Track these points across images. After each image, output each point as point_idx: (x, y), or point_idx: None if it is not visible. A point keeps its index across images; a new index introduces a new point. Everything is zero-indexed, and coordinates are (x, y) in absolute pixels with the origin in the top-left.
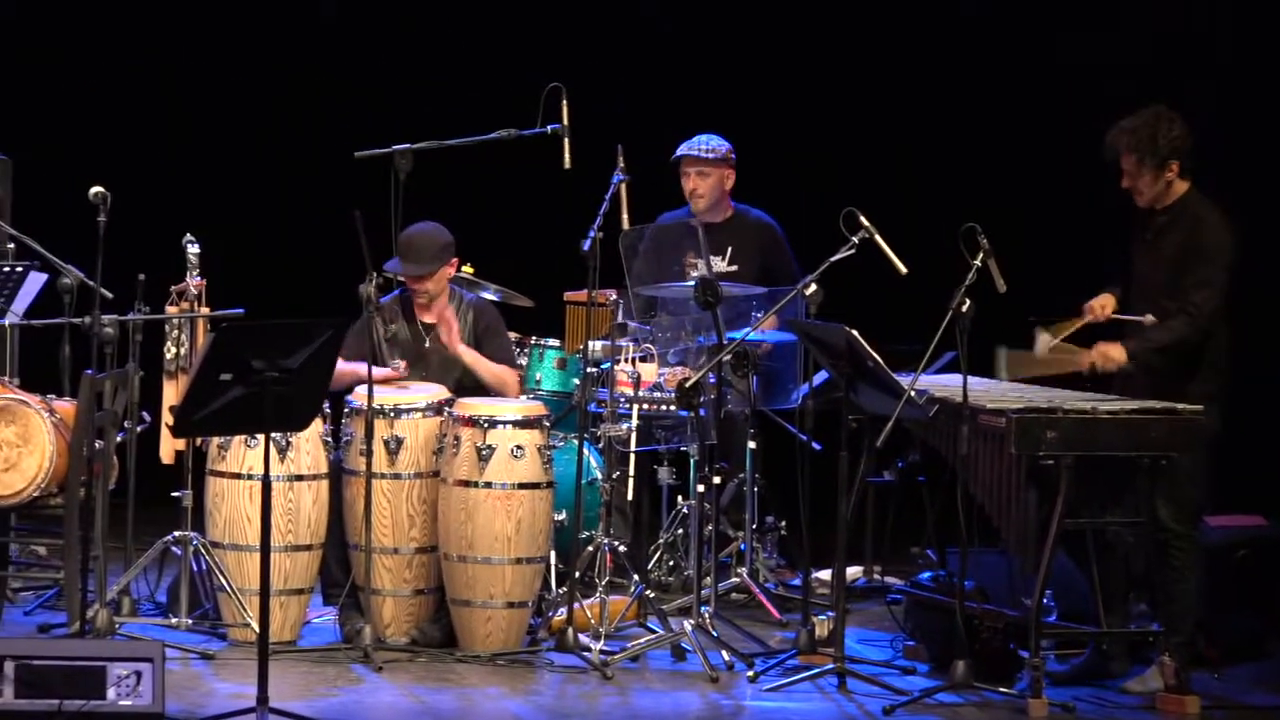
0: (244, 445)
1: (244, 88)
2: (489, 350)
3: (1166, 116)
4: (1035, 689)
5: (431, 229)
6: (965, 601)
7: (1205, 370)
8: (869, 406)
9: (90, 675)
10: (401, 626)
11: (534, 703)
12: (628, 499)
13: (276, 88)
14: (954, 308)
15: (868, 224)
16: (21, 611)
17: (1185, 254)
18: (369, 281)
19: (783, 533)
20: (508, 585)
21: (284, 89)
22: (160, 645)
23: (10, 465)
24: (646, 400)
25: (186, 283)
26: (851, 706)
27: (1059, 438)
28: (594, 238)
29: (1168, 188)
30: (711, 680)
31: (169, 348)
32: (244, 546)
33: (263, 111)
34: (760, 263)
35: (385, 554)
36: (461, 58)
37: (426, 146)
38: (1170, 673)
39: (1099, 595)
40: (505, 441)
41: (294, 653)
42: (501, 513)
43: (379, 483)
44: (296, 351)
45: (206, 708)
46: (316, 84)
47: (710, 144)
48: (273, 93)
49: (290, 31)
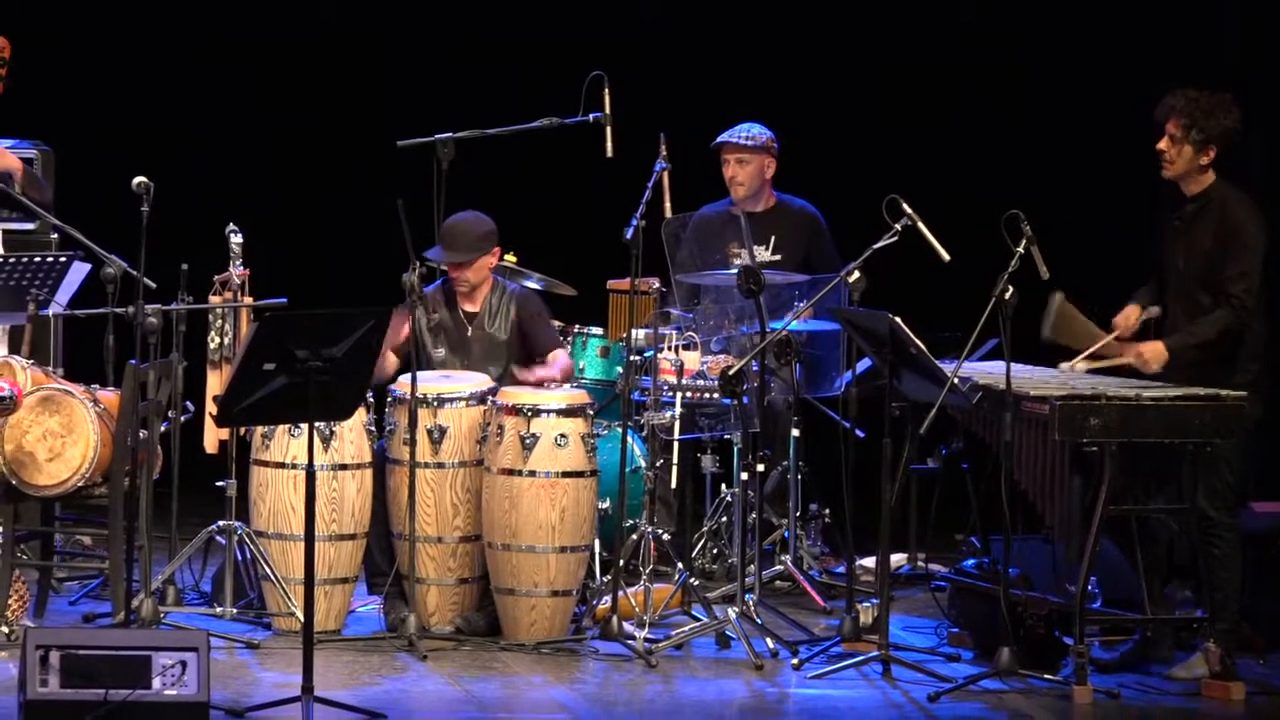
0: (288, 434)
1: (287, 77)
2: (536, 337)
3: (1229, 104)
4: (1080, 676)
5: (472, 218)
6: (1009, 588)
7: (1245, 358)
8: (912, 394)
9: (135, 665)
10: (446, 615)
11: (578, 691)
12: (671, 487)
13: (319, 77)
14: (997, 295)
15: (910, 211)
16: (67, 601)
17: (1221, 244)
18: (412, 270)
19: (826, 520)
20: (552, 574)
21: (327, 78)
22: (205, 635)
23: (54, 455)
24: (690, 388)
25: (230, 272)
26: (896, 694)
27: (1102, 424)
28: (637, 226)
29: (1199, 172)
30: (756, 668)
31: (213, 337)
32: (288, 536)
33: (306, 101)
34: (803, 251)
35: (429, 543)
36: (504, 46)
37: (468, 136)
38: (1215, 659)
39: (1143, 582)
40: (549, 430)
41: (338, 642)
42: (545, 501)
43: (423, 472)
44: (340, 341)
45: (251, 697)
46: (359, 73)
47: (751, 131)
48: (316, 82)
49: (333, 21)
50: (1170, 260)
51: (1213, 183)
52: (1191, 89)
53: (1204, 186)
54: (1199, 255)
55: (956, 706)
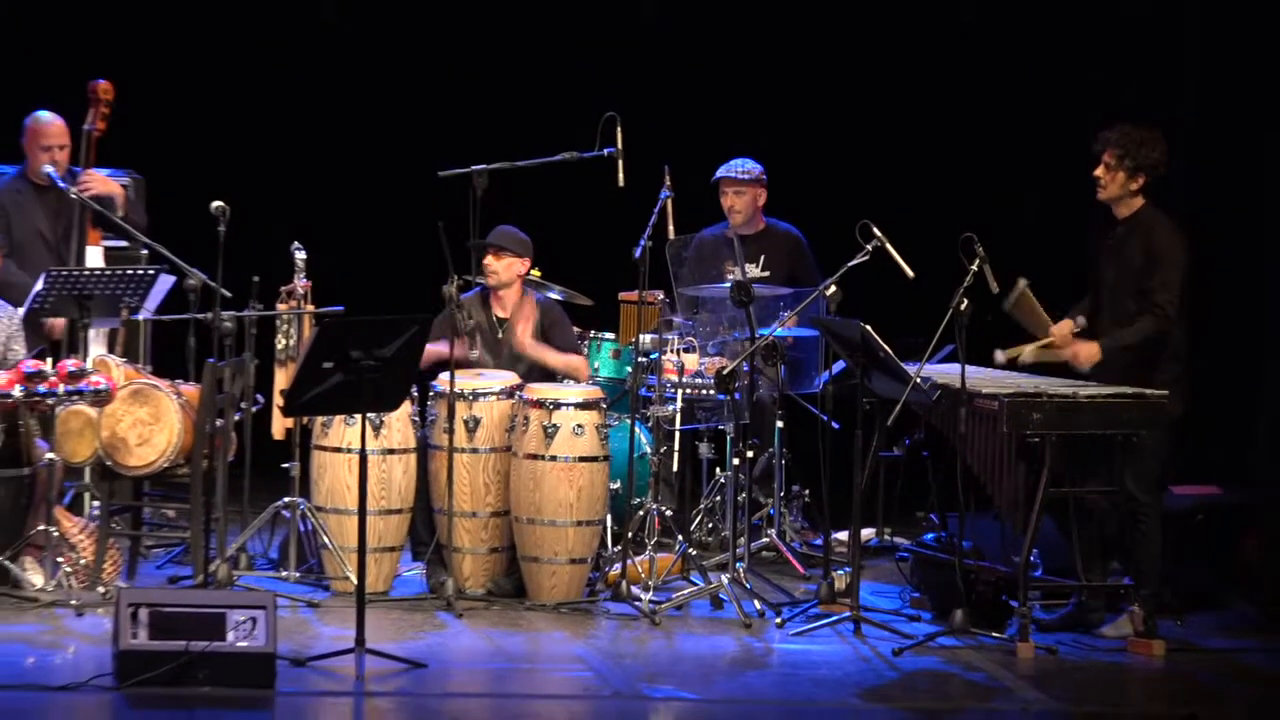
0: (344, 423)
1: (343, 116)
2: (556, 341)
3: (1158, 139)
4: (1023, 634)
5: (516, 229)
6: (963, 559)
7: (1167, 360)
8: (881, 391)
9: (213, 620)
10: (479, 580)
11: (593, 645)
12: (673, 470)
13: (372, 116)
14: (954, 307)
15: (879, 234)
16: (154, 566)
17: (1147, 261)
18: (450, 282)
19: (806, 499)
20: (570, 544)
21: (378, 117)
22: (272, 595)
23: (143, 441)
24: (689, 385)
25: (295, 283)
26: (865, 649)
27: (1044, 419)
28: (644, 246)
29: (1129, 197)
30: (745, 626)
31: (279, 339)
32: (344, 510)
33: (360, 136)
34: (787, 268)
35: (465, 517)
36: (530, 88)
37: (500, 167)
38: (1139, 620)
39: (1078, 554)
40: (568, 421)
41: (387, 602)
42: (565, 482)
43: (459, 456)
44: (389, 343)
45: (312, 648)
46: (405, 111)
47: (745, 167)
48: (368, 120)
49: (384, 67)
50: (1103, 274)
51: (1141, 207)
52: (1126, 124)
53: (1133, 210)
54: (1128, 270)
55: (917, 660)
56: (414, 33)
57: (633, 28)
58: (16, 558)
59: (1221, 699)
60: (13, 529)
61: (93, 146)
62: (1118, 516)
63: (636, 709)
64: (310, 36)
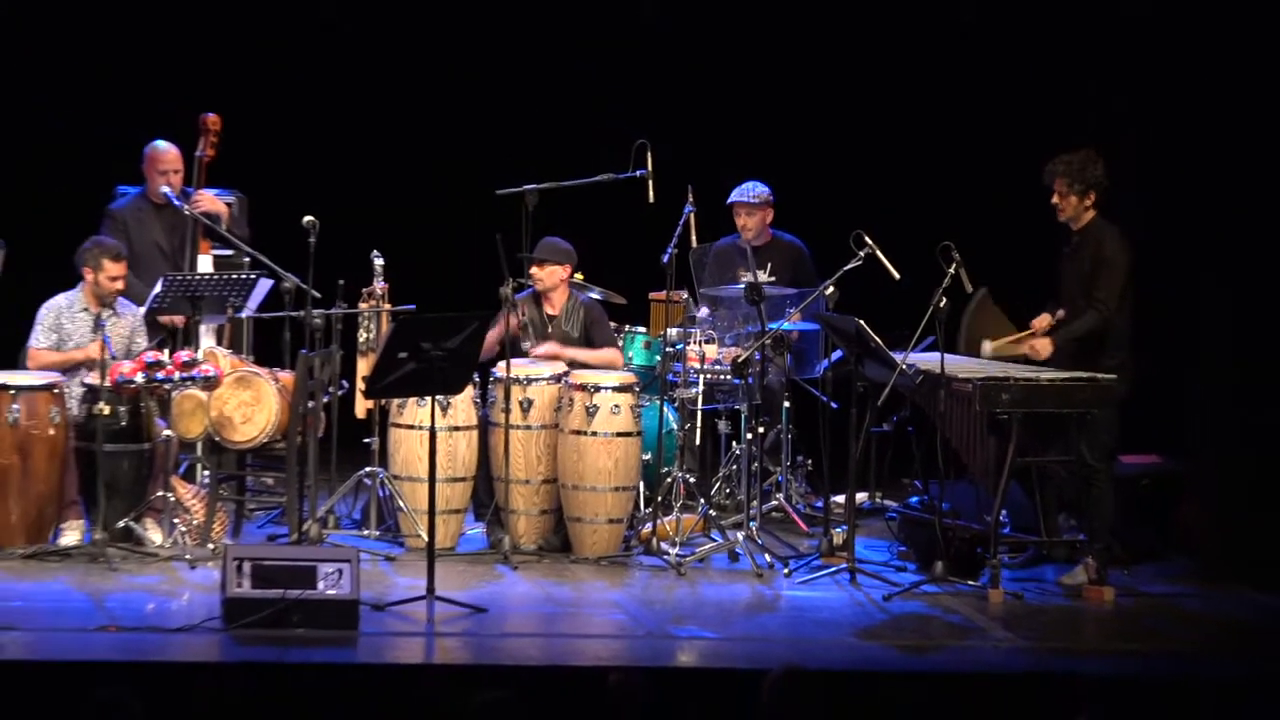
0: (416, 404)
1: (415, 141)
2: (596, 336)
3: (1094, 157)
4: (994, 582)
5: (558, 240)
6: (942, 518)
7: (1112, 348)
8: (872, 376)
9: (305, 572)
10: (531, 537)
11: (628, 593)
12: (696, 443)
13: (438, 142)
14: (934, 304)
15: (870, 242)
16: (255, 526)
17: (1094, 266)
18: (506, 284)
19: (809, 468)
20: (609, 507)
21: (443, 143)
22: (356, 550)
23: (246, 419)
24: (710, 371)
25: (374, 285)
26: (860, 595)
27: (1011, 399)
28: (671, 253)
29: (1083, 212)
30: (757, 576)
31: (361, 333)
32: (416, 478)
33: (429, 158)
34: (792, 273)
35: (519, 484)
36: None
37: (549, 186)
38: (1092, 570)
39: (1040, 513)
40: (607, 402)
41: (453, 556)
42: (604, 454)
43: (515, 432)
44: (454, 336)
45: (389, 596)
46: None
47: (755, 190)
48: (435, 145)
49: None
50: (1063, 278)
51: (1092, 219)
52: (1064, 153)
53: (1085, 223)
54: (1080, 274)
55: (904, 604)
56: (474, 70)
57: (663, 67)
58: (139, 519)
59: (1163, 636)
60: (136, 495)
61: (203, 170)
62: (1074, 482)
63: (665, 646)
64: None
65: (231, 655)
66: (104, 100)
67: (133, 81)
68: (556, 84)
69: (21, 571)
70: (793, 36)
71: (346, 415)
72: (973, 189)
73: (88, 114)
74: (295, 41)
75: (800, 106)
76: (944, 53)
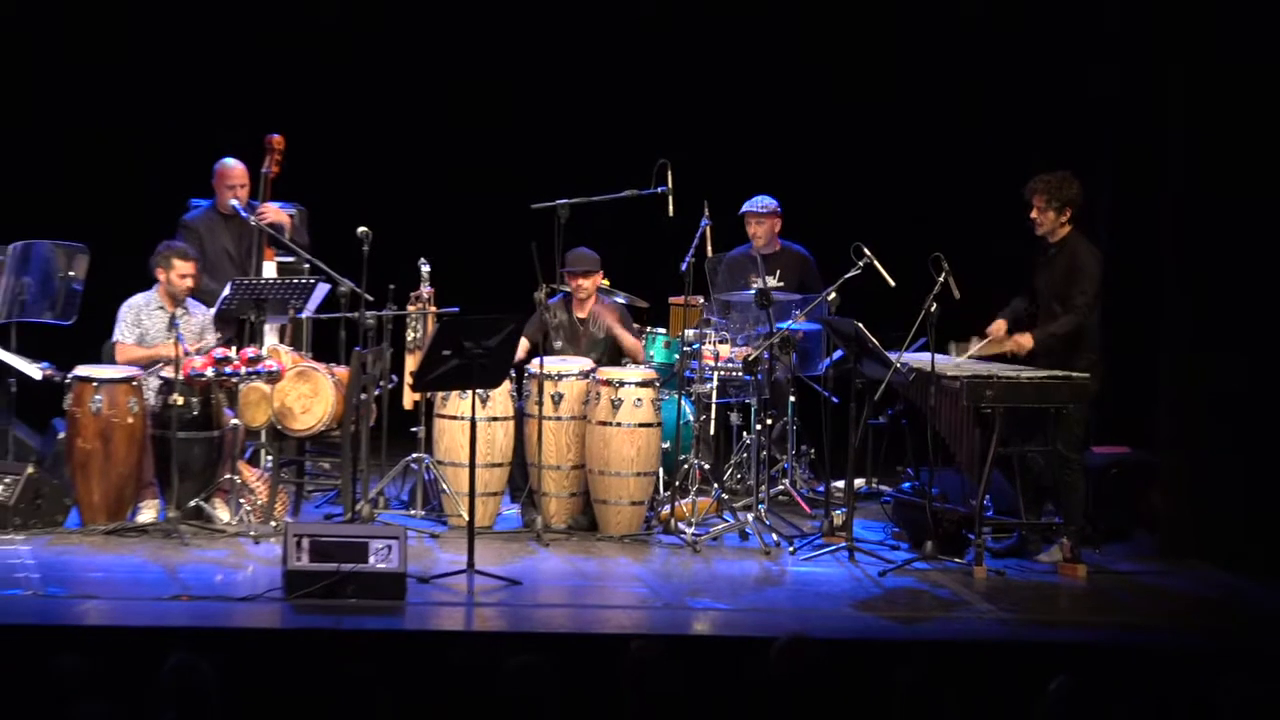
0: (458, 397)
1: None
2: (621, 334)
3: (1070, 178)
4: (978, 560)
5: (588, 250)
6: (932, 502)
7: (1086, 349)
8: (870, 374)
9: (358, 547)
10: (561, 517)
11: (649, 568)
12: (710, 433)
13: (479, 159)
14: (925, 309)
15: (869, 253)
16: (313, 506)
17: (1069, 275)
18: (541, 289)
19: (812, 456)
20: (632, 490)
21: (484, 160)
22: (403, 529)
23: (305, 410)
24: (723, 368)
25: (421, 290)
26: (857, 571)
27: (995, 394)
28: (689, 262)
29: (1060, 227)
30: (765, 553)
31: (409, 333)
32: (458, 463)
33: (471, 174)
34: (798, 279)
35: (551, 469)
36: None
37: (579, 201)
38: (1067, 550)
39: (1020, 498)
40: (630, 396)
41: (491, 534)
42: (628, 442)
43: (547, 423)
44: (493, 336)
45: (434, 569)
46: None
47: (764, 203)
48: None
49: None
50: (1038, 284)
51: (1067, 233)
52: (1043, 173)
53: (1060, 236)
54: (1055, 282)
55: (897, 579)
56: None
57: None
58: (209, 499)
59: (1130, 609)
60: (206, 477)
61: (268, 185)
62: (1051, 470)
63: (681, 616)
64: (432, 107)
65: (291, 622)
66: (180, 121)
67: (206, 105)
68: (586, 109)
69: (103, 545)
70: (801, 68)
71: (395, 406)
72: (959, 208)
73: (165, 134)
74: (351, 72)
75: (808, 131)
76: (935, 87)
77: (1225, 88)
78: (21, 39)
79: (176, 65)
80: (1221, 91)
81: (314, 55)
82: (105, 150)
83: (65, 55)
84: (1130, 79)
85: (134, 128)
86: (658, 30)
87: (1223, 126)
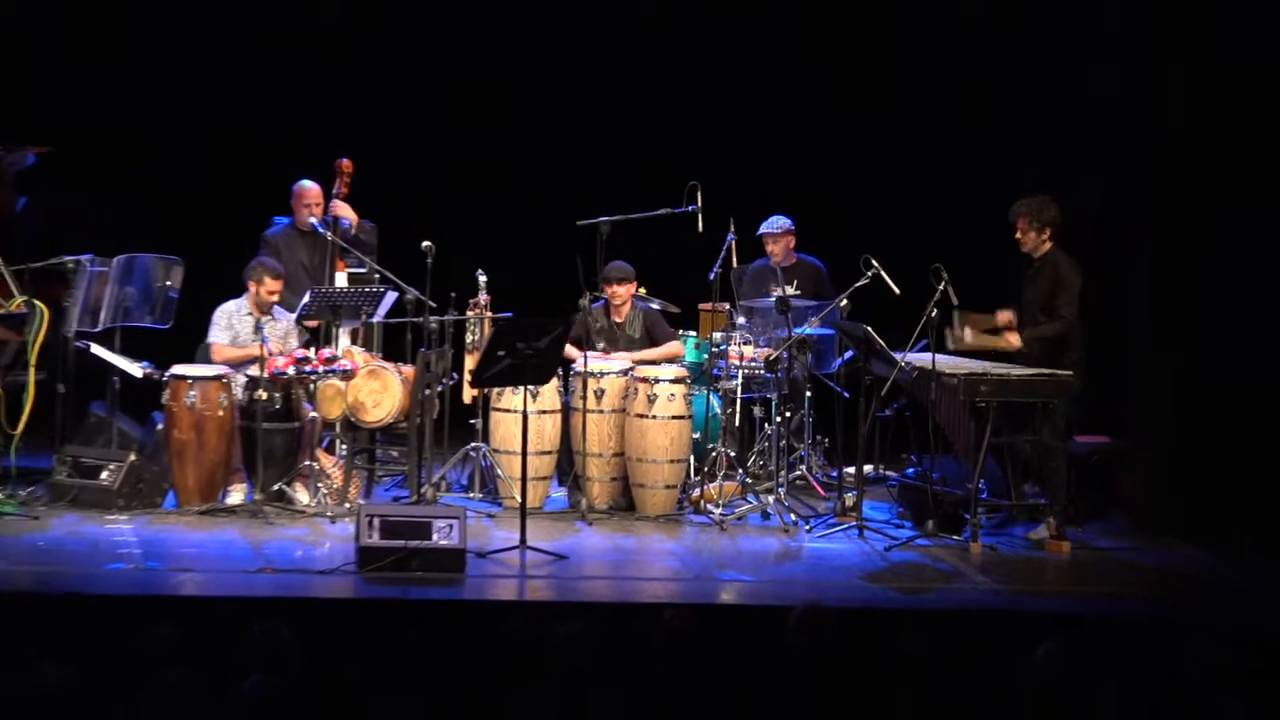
0: (512, 392)
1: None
2: (658, 334)
3: (1050, 201)
4: (974, 537)
5: (623, 262)
6: (933, 486)
7: (1070, 351)
8: (877, 372)
9: (423, 526)
10: (604, 499)
11: (681, 544)
12: (735, 425)
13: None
14: (927, 314)
15: (876, 264)
16: (383, 489)
17: (1052, 287)
18: (585, 296)
19: (826, 445)
20: (666, 475)
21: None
22: (463, 509)
23: (376, 404)
24: (747, 367)
25: (479, 297)
26: (866, 547)
27: (989, 390)
28: (716, 272)
29: (1042, 245)
30: (784, 531)
31: (468, 335)
32: (512, 451)
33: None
34: (813, 288)
35: (594, 457)
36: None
37: (619, 218)
38: (1053, 528)
39: (1011, 483)
40: (664, 391)
41: (541, 514)
42: (662, 433)
43: (590, 415)
44: (542, 338)
45: (490, 545)
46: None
47: (779, 223)
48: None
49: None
50: (1023, 296)
51: (1048, 250)
52: (1026, 197)
53: (1043, 253)
54: (1039, 294)
55: (902, 554)
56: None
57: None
58: (291, 484)
59: (1109, 580)
60: (288, 464)
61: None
62: (1038, 457)
63: (710, 587)
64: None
65: (363, 593)
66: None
67: (283, 133)
68: (625, 136)
69: (196, 525)
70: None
71: (456, 401)
72: (957, 225)
73: (248, 158)
74: (417, 102)
75: (823, 154)
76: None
77: (1225, 88)
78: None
79: (262, 97)
80: (1221, 91)
81: (383, 89)
82: (196, 170)
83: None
84: (1130, 79)
85: (219, 152)
86: (688, 58)
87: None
